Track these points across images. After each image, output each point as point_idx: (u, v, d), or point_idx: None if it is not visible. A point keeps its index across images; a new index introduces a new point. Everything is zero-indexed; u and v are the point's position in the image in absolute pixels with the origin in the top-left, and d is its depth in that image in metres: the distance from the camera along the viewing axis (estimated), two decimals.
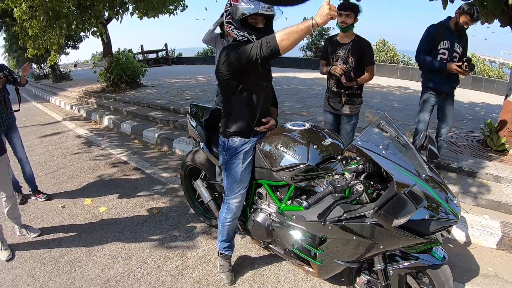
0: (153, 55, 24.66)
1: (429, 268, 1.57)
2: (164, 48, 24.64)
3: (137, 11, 9.51)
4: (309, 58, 19.20)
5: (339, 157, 1.48)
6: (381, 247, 1.50)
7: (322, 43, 21.26)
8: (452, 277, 1.63)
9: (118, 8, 9.41)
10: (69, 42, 20.19)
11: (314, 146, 1.75)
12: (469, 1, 3.12)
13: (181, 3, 10.54)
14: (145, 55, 23.75)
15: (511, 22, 3.96)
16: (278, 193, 1.97)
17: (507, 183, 3.43)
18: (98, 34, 9.27)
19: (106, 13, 9.46)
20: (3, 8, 8.93)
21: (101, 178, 4.27)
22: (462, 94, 9.47)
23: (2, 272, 2.50)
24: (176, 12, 10.59)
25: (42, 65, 24.91)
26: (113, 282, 2.31)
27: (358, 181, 1.37)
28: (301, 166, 1.73)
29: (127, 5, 9.58)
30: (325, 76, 3.26)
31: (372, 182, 1.54)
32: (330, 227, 1.62)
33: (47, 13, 8.34)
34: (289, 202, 1.91)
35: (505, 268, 2.56)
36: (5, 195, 2.78)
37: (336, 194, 1.51)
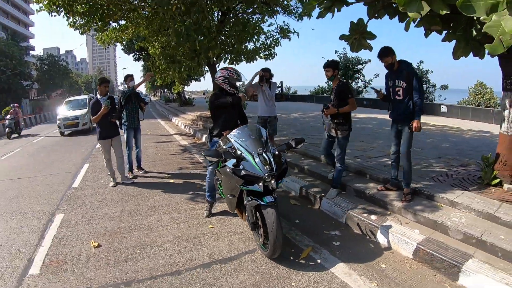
0: None
1: (261, 207, 2.80)
2: (280, 85, 26.33)
3: (228, 60, 12.32)
4: None
5: (231, 142, 3.15)
6: (229, 182, 3.07)
7: None
8: (275, 218, 2.65)
9: (215, 59, 12.10)
10: (191, 76, 24.82)
11: (226, 139, 3.39)
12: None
13: (272, 51, 12.78)
14: None
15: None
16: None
17: (462, 209, 3.46)
18: (199, 75, 12.27)
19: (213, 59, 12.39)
20: (140, 46, 13.22)
21: (180, 168, 6.77)
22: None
23: (107, 190, 5.18)
24: (270, 59, 12.87)
25: (171, 91, 31.19)
26: (157, 206, 4.56)
27: (230, 151, 3.02)
28: (220, 146, 3.48)
29: (221, 56, 12.29)
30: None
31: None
32: (219, 172, 3.33)
33: (166, 58, 11.84)
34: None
35: (402, 272, 2.57)
36: (119, 156, 5.43)
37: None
